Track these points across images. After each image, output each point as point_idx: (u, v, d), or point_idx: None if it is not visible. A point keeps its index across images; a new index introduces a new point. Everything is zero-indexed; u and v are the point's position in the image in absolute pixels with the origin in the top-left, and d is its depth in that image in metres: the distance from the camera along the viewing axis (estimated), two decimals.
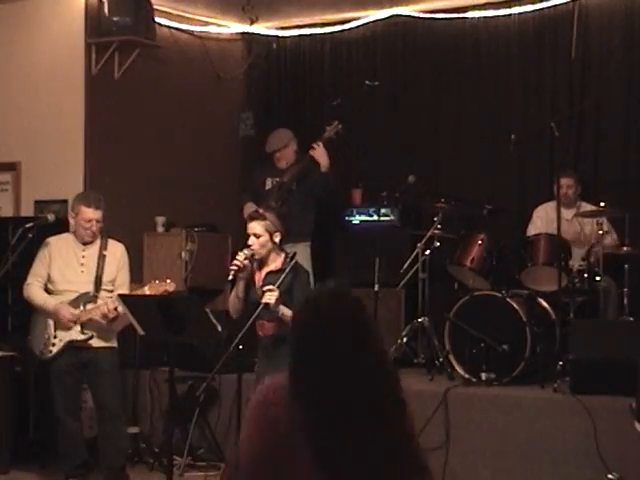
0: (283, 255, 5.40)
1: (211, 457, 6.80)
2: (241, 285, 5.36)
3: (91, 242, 6.13)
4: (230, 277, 5.29)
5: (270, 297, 5.07)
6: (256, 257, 5.32)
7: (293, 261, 5.32)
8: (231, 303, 5.44)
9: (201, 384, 6.69)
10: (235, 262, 5.27)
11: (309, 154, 7.28)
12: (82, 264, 6.11)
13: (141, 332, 5.57)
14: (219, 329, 5.34)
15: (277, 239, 5.34)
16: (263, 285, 5.29)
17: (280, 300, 5.12)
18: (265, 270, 5.38)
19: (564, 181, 7.02)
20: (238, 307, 5.40)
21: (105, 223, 6.22)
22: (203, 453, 6.86)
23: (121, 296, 5.74)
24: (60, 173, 7.72)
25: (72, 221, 6.10)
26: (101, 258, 6.11)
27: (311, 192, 7.23)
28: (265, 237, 5.30)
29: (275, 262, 5.37)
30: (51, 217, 6.24)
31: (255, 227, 5.32)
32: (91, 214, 6.04)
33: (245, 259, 5.27)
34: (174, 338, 5.35)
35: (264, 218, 5.34)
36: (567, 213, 7.04)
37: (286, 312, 5.14)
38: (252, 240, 5.31)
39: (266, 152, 7.56)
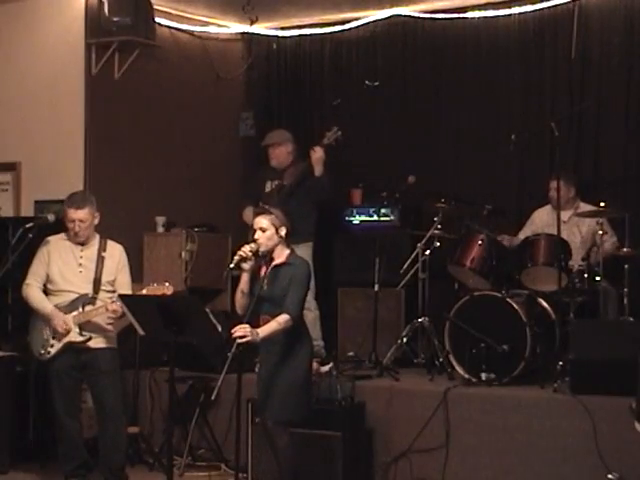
0: (289, 250, 5.44)
1: (211, 457, 6.81)
2: (244, 279, 5.39)
3: (83, 243, 6.10)
4: (232, 265, 5.31)
5: (245, 337, 5.05)
6: (262, 250, 5.35)
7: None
8: (237, 299, 5.47)
9: (202, 384, 6.74)
10: (240, 252, 5.31)
11: (309, 157, 7.28)
12: (80, 264, 6.09)
13: (141, 332, 5.57)
14: (219, 329, 5.35)
15: (282, 233, 5.38)
16: (263, 278, 5.33)
17: (254, 332, 5.10)
18: (271, 264, 5.41)
19: (551, 184, 7.02)
20: (242, 302, 5.43)
21: (101, 223, 6.20)
22: (203, 453, 6.87)
23: (121, 296, 5.74)
24: (60, 173, 7.72)
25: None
26: (100, 259, 6.09)
27: (309, 195, 7.25)
28: (271, 231, 5.36)
29: (281, 256, 5.40)
30: (51, 217, 6.22)
31: (261, 221, 5.38)
32: (72, 214, 6.00)
33: (250, 251, 5.31)
34: (174, 338, 5.36)
35: (270, 213, 5.42)
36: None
37: (267, 330, 5.19)
38: (258, 234, 5.36)
39: (261, 146, 7.60)
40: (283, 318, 5.22)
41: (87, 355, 6.04)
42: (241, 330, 5.06)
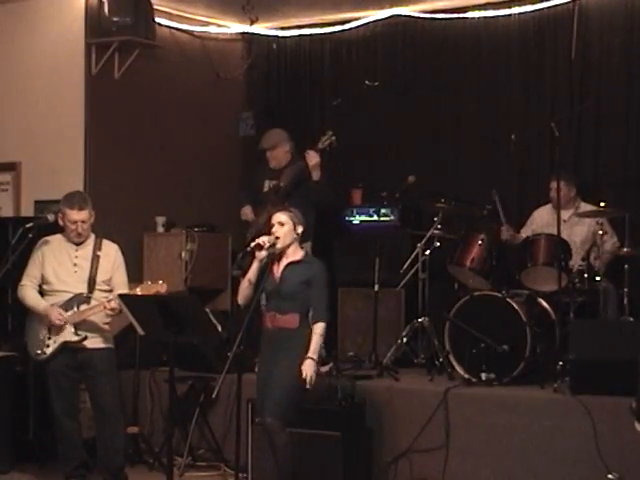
0: (303, 251, 5.52)
1: (211, 457, 6.81)
2: (254, 268, 5.41)
3: (82, 242, 6.11)
4: (249, 249, 5.36)
5: (310, 379, 5.25)
6: (279, 245, 5.39)
7: None
8: (241, 288, 5.47)
9: (202, 384, 6.73)
10: (258, 240, 5.36)
11: (304, 161, 7.22)
12: (75, 264, 6.07)
13: (141, 332, 5.57)
14: (219, 329, 5.35)
15: (299, 230, 5.46)
16: (283, 272, 5.39)
17: (312, 364, 5.28)
18: (285, 261, 5.45)
19: (552, 185, 7.02)
20: (247, 292, 5.43)
21: (101, 223, 6.20)
22: (203, 453, 6.87)
23: (121, 296, 5.74)
24: (60, 173, 7.72)
25: (61, 222, 6.10)
26: (95, 259, 6.08)
27: (307, 196, 7.21)
28: (289, 226, 5.43)
29: (295, 255, 5.46)
30: (51, 217, 6.22)
31: (280, 216, 5.46)
32: (75, 215, 6.01)
33: (268, 242, 5.35)
34: (174, 338, 5.36)
35: (289, 210, 5.50)
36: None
37: (315, 349, 5.31)
38: (276, 228, 5.42)
39: (259, 149, 7.58)
40: (320, 327, 5.32)
41: (83, 355, 6.02)
42: (310, 379, 5.25)
